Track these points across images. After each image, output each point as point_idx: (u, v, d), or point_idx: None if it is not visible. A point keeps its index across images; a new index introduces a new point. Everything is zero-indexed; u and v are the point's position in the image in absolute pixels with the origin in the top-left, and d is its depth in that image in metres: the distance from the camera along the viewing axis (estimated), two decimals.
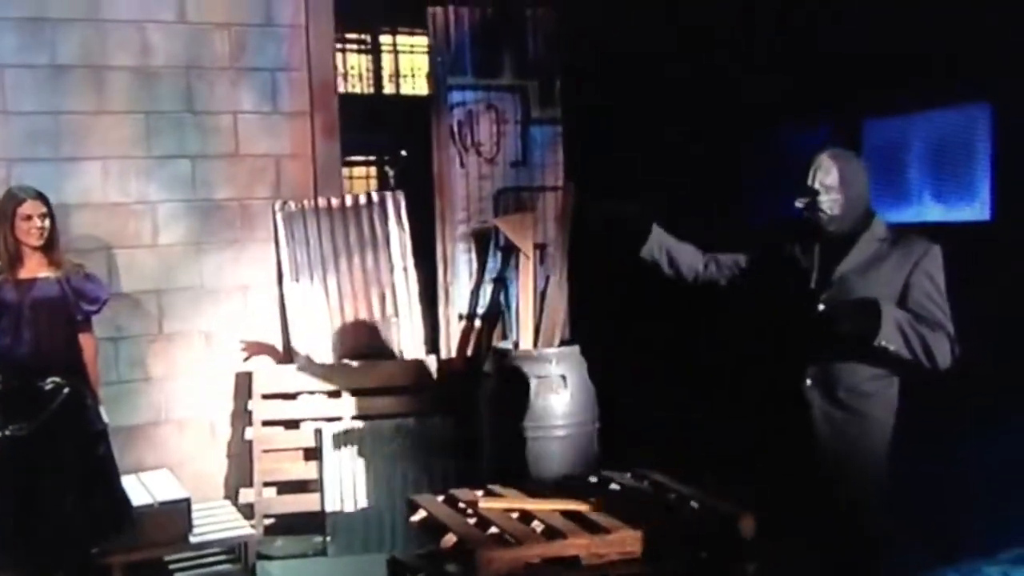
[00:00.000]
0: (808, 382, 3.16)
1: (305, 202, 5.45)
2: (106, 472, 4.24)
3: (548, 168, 5.84)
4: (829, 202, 3.10)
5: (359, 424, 5.19)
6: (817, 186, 3.11)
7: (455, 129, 5.68)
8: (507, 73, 5.74)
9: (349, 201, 5.45)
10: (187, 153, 5.26)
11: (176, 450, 5.29)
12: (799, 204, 3.15)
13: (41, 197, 4.09)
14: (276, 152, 5.42)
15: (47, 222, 4.07)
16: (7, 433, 4.01)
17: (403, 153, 9.00)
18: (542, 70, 5.80)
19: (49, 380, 4.07)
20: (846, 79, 5.58)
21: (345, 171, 13.07)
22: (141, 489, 4.74)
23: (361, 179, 13.24)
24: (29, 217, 4.03)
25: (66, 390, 4.09)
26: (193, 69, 5.24)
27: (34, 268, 4.09)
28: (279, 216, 5.44)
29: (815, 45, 5.75)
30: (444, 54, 5.65)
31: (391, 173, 10.86)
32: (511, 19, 5.73)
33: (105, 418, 4.29)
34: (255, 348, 5.45)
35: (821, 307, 3.04)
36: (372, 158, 13.08)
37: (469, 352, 5.66)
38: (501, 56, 5.72)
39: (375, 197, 5.45)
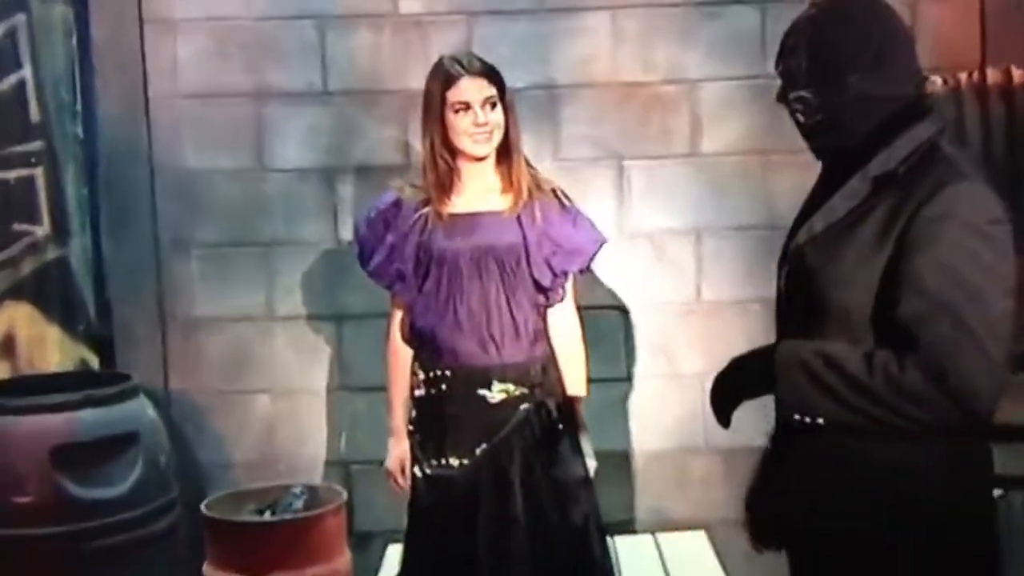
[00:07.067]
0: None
1: (962, 77, 3.39)
2: (585, 541, 2.65)
3: None
4: (800, 100, 1.78)
5: None
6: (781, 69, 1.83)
7: None
8: None
9: None
10: None
11: (718, 496, 3.39)
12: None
13: (488, 73, 2.58)
14: None
15: (497, 114, 2.56)
16: (426, 471, 2.60)
17: None
18: None
19: (497, 387, 2.56)
20: None
21: None
22: (650, 558, 3.29)
23: None
24: (466, 107, 2.54)
25: (524, 406, 2.57)
26: None
27: (478, 196, 2.62)
28: None
29: None
30: None
31: None
32: None
33: (590, 458, 2.68)
34: None
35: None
36: None
37: None
38: None
39: None
